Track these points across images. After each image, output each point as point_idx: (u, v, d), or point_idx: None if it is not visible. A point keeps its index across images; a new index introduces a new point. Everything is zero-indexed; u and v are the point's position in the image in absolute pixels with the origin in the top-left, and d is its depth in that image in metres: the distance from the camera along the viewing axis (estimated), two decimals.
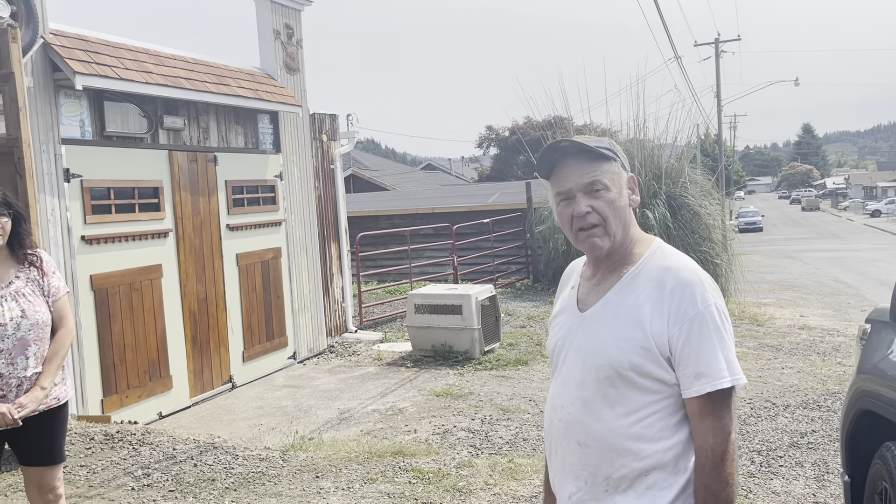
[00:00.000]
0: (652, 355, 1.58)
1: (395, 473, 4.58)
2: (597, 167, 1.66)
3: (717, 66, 33.77)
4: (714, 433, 1.55)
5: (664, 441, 1.59)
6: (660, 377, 1.59)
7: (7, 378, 2.86)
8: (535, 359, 8.02)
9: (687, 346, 1.56)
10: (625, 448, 1.60)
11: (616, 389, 1.61)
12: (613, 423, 1.61)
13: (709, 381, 1.55)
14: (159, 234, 6.65)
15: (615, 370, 1.61)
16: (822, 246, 28.04)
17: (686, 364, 1.57)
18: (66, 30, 6.00)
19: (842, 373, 7.20)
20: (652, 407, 1.60)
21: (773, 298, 13.04)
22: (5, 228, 2.93)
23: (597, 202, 1.65)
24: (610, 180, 1.67)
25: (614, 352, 1.61)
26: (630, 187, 1.71)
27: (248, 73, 8.04)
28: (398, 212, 16.07)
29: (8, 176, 4.44)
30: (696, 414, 1.57)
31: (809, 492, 4.34)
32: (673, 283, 1.60)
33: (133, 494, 4.28)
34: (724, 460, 1.54)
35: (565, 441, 1.69)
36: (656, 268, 1.64)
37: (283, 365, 8.31)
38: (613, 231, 1.66)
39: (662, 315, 1.58)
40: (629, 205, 1.71)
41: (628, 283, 1.65)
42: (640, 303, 1.61)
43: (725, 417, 1.56)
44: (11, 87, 4.43)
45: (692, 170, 12.11)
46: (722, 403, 1.56)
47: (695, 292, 1.58)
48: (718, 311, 1.59)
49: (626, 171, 1.71)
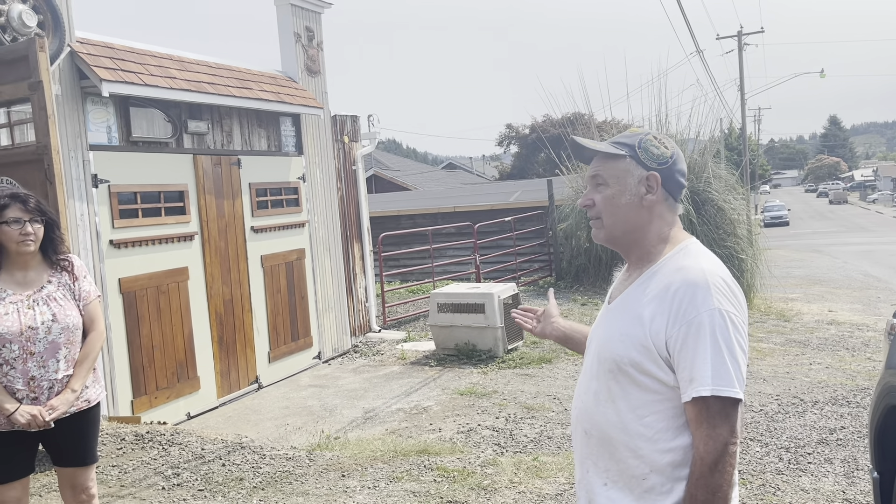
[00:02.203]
0: (650, 354, 1.57)
1: (421, 472, 4.61)
2: (602, 162, 1.71)
3: (741, 59, 33.41)
4: (706, 442, 1.50)
5: (662, 443, 1.57)
6: (659, 377, 1.57)
7: (39, 381, 2.92)
8: (559, 357, 8.00)
9: (684, 349, 1.52)
10: (622, 443, 1.61)
11: (618, 384, 1.62)
12: (614, 418, 1.62)
13: (695, 387, 1.50)
14: (185, 237, 6.74)
15: (617, 364, 1.62)
16: (850, 239, 27.60)
17: (683, 367, 1.53)
18: (91, 38, 6.10)
19: (871, 368, 7.09)
20: (652, 406, 1.58)
21: (801, 293, 12.88)
22: (38, 234, 2.99)
23: (597, 196, 1.71)
24: (611, 176, 1.68)
25: (618, 346, 1.62)
26: (647, 185, 1.67)
27: (270, 77, 8.11)
28: (420, 211, 16.09)
29: (38, 182, 4.53)
30: (692, 420, 1.53)
31: (839, 488, 4.29)
32: (678, 283, 1.57)
33: (163, 494, 4.35)
34: (713, 471, 1.49)
35: (577, 428, 1.74)
36: (672, 268, 1.62)
37: (309, 365, 8.38)
38: (608, 225, 1.70)
39: (663, 315, 1.56)
40: (642, 203, 1.67)
41: (646, 280, 1.65)
42: (647, 300, 1.60)
43: (721, 427, 1.49)
44: (40, 96, 4.52)
45: (716, 164, 11.99)
46: (719, 412, 1.49)
47: (696, 294, 1.53)
48: (722, 315, 1.52)
49: (646, 169, 1.67)
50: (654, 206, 1.68)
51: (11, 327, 2.88)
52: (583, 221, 12.06)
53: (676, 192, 1.71)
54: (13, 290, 2.96)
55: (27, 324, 2.91)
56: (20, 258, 2.99)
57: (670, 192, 1.69)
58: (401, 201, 18.75)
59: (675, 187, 1.70)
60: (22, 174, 4.68)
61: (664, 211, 1.69)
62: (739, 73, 33.58)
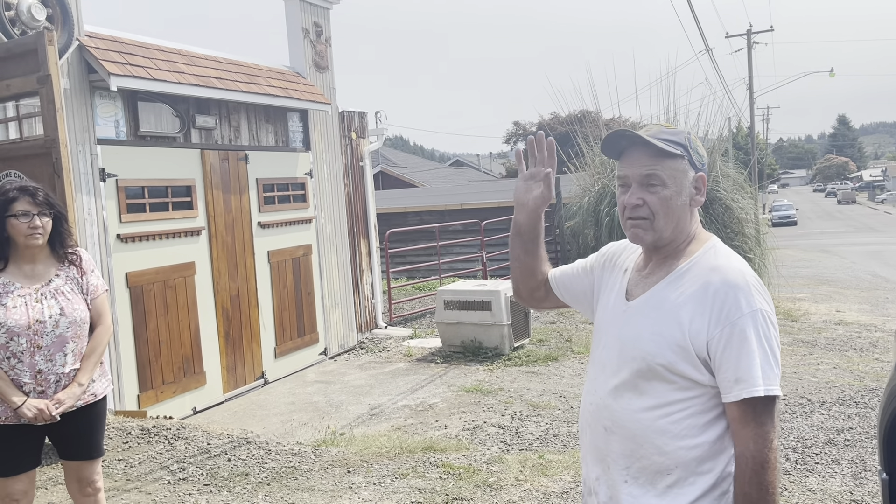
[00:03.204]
0: (687, 354, 1.56)
1: (426, 469, 4.60)
2: (659, 161, 1.65)
3: (750, 57, 33.27)
4: (755, 440, 1.51)
5: (689, 439, 1.58)
6: (691, 377, 1.57)
7: (46, 374, 2.93)
8: (565, 355, 7.98)
9: (728, 350, 1.53)
10: (648, 440, 1.60)
11: (647, 382, 1.61)
12: (640, 414, 1.61)
13: (745, 388, 1.51)
14: (192, 232, 6.75)
15: (647, 363, 1.60)
16: (858, 240, 27.47)
17: (726, 368, 1.54)
18: (100, 32, 6.11)
19: (879, 369, 7.05)
20: (681, 404, 1.58)
21: (808, 293, 12.82)
22: (46, 228, 2.99)
23: (650, 196, 1.65)
24: (669, 177, 1.65)
25: (650, 345, 1.60)
26: (696, 186, 1.68)
27: (278, 72, 8.11)
28: (427, 208, 16.09)
29: (46, 176, 4.54)
30: (736, 420, 1.54)
31: (846, 489, 4.27)
32: (718, 283, 1.57)
33: (169, 488, 4.35)
34: (765, 468, 1.50)
35: (594, 424, 1.71)
36: (705, 267, 1.62)
37: (315, 361, 8.39)
38: (660, 227, 1.65)
39: (704, 316, 1.56)
40: (690, 204, 1.68)
41: (676, 279, 1.64)
42: (682, 300, 1.59)
43: (767, 425, 1.52)
44: (49, 89, 4.52)
45: (724, 163, 11.93)
46: (764, 410, 1.52)
47: (739, 295, 1.55)
48: (764, 316, 1.55)
49: (696, 170, 1.68)
50: (696, 207, 1.70)
51: (19, 321, 2.88)
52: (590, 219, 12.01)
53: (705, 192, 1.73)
54: (21, 283, 2.96)
55: (35, 317, 2.91)
56: (28, 251, 2.99)
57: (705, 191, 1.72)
58: (408, 198, 18.76)
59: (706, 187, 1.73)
60: (30, 167, 4.69)
61: (694, 210, 1.71)
62: (748, 72, 33.45)
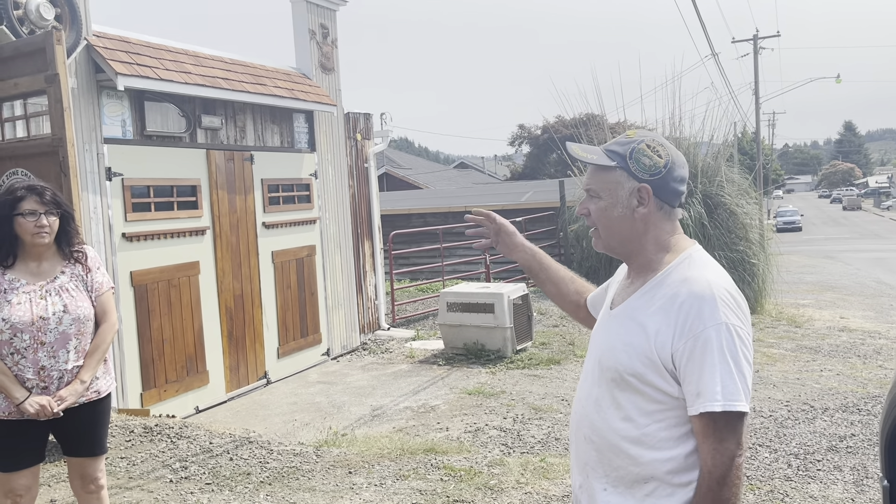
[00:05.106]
0: (655, 366, 1.55)
1: (427, 470, 4.61)
2: (593, 174, 1.70)
3: (756, 62, 33.25)
4: (713, 456, 1.49)
5: (664, 451, 1.56)
6: (662, 388, 1.56)
7: (49, 370, 2.95)
8: (568, 358, 7.98)
9: (690, 363, 1.51)
10: (623, 451, 1.60)
11: (622, 392, 1.61)
12: (616, 424, 1.61)
13: (703, 402, 1.49)
14: (197, 231, 6.77)
15: (619, 374, 1.60)
16: (863, 246, 27.39)
17: (689, 381, 1.52)
18: (108, 31, 6.13)
19: (883, 376, 7.04)
20: (655, 416, 1.57)
21: (812, 299, 12.79)
22: (53, 227, 3.02)
23: (591, 207, 1.70)
24: (603, 189, 1.66)
25: (622, 356, 1.60)
26: (639, 198, 1.63)
27: (284, 73, 8.14)
28: (431, 210, 16.10)
29: (53, 175, 4.56)
30: (699, 433, 1.52)
31: (848, 496, 4.26)
32: (685, 295, 1.54)
33: (171, 486, 4.37)
34: (721, 485, 1.48)
35: (577, 433, 1.72)
36: (677, 278, 1.60)
37: (317, 361, 8.40)
38: (605, 236, 1.70)
39: (669, 328, 1.54)
40: (634, 216, 1.64)
41: (649, 290, 1.63)
42: (651, 312, 1.59)
43: (728, 441, 1.48)
44: (56, 88, 4.55)
45: (729, 168, 11.92)
46: (726, 426, 1.48)
47: (703, 308, 1.51)
48: (729, 329, 1.50)
49: (638, 180, 1.63)
50: (647, 218, 1.65)
51: (23, 317, 2.90)
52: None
53: (673, 200, 1.66)
54: (27, 280, 2.98)
55: (38, 314, 2.93)
56: (35, 249, 3.01)
57: (666, 200, 1.65)
58: (412, 200, 18.77)
59: (670, 196, 1.65)
60: (37, 166, 4.71)
61: (660, 220, 1.65)
62: (754, 77, 33.43)
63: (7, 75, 4.85)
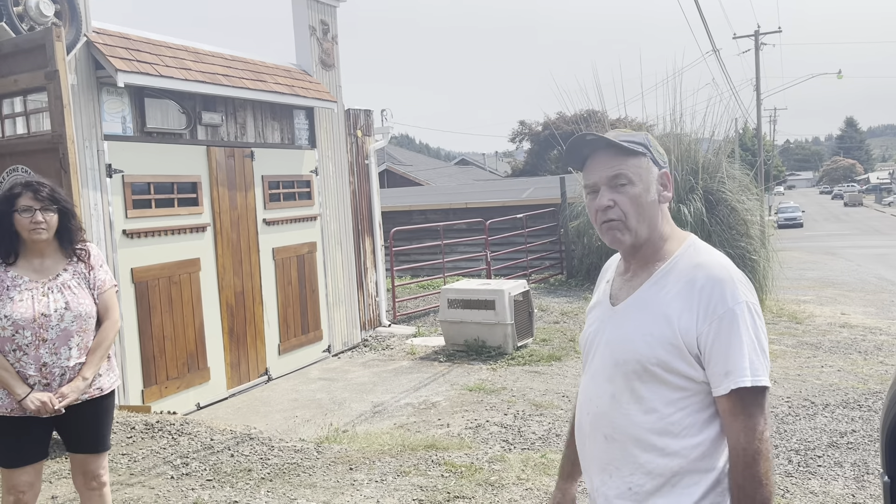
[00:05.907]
0: (679, 352, 1.57)
1: (428, 467, 4.61)
2: (622, 161, 1.66)
3: (757, 58, 33.19)
4: (745, 432, 1.52)
5: (690, 438, 1.58)
6: (687, 374, 1.57)
7: (51, 367, 2.95)
8: (569, 354, 7.99)
9: (717, 344, 1.54)
10: (650, 443, 1.60)
11: (643, 384, 1.61)
12: (639, 418, 1.61)
13: (734, 379, 1.52)
14: (197, 228, 6.77)
15: (642, 365, 1.60)
16: (864, 242, 27.37)
17: (716, 362, 1.54)
18: (108, 28, 6.13)
19: (884, 372, 7.04)
20: (679, 403, 1.58)
21: (813, 295, 12.79)
22: (50, 223, 3.01)
23: (619, 196, 1.66)
24: (635, 175, 1.66)
25: (642, 346, 1.61)
26: (662, 183, 1.69)
27: (285, 70, 8.13)
28: (432, 207, 16.09)
29: (53, 171, 4.56)
30: (727, 412, 1.55)
31: (848, 492, 4.26)
32: (703, 279, 1.58)
33: (172, 483, 4.38)
34: (756, 460, 1.51)
35: (593, 434, 1.70)
36: (688, 264, 1.63)
37: (318, 358, 8.41)
38: (634, 227, 1.66)
39: (692, 312, 1.57)
40: (659, 201, 1.68)
41: (659, 279, 1.65)
42: (669, 299, 1.60)
43: (757, 416, 1.52)
44: (56, 85, 4.54)
45: (730, 164, 11.91)
46: (753, 402, 1.52)
47: (724, 289, 1.56)
48: (749, 308, 1.56)
49: (659, 167, 1.69)
50: (665, 204, 1.71)
51: (25, 314, 2.91)
52: None
53: None
54: (30, 277, 2.99)
55: (40, 311, 2.93)
56: (36, 246, 3.02)
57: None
58: (413, 196, 18.76)
59: None
60: (37, 162, 4.71)
61: (665, 208, 1.72)
62: (756, 73, 33.35)
63: (7, 72, 4.85)
